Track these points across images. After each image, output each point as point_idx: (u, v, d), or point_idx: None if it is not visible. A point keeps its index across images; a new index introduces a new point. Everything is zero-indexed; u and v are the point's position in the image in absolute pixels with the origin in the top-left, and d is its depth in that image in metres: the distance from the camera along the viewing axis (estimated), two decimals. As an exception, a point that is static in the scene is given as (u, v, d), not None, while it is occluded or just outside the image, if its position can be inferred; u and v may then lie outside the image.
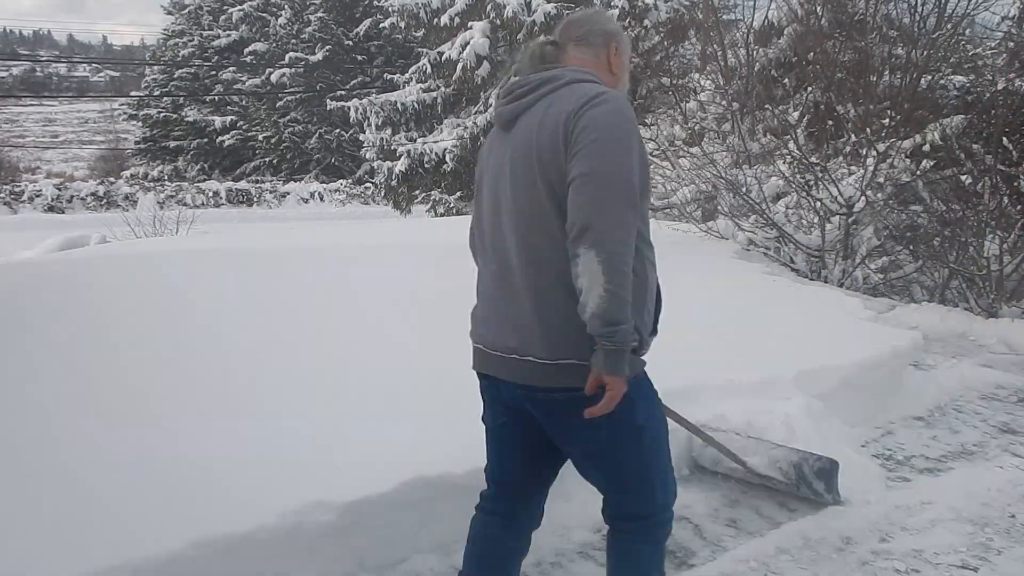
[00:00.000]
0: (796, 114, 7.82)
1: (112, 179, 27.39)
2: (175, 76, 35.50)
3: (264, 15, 33.29)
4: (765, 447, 3.08)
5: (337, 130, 29.85)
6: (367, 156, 16.17)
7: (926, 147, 6.97)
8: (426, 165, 14.39)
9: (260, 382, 3.11)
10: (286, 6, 32.38)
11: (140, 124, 36.07)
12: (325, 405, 2.95)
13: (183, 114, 34.42)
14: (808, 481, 2.96)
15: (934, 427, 3.88)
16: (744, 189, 7.37)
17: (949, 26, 7.90)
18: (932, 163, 6.99)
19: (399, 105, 14.84)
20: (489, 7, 13.78)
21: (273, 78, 30.76)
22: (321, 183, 28.29)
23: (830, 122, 7.53)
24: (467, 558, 2.00)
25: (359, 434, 2.74)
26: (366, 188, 25.60)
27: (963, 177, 6.81)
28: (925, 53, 7.63)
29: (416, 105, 14.85)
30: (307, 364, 3.29)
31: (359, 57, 31.43)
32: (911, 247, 7.10)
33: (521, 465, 1.96)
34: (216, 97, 34.16)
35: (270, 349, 3.41)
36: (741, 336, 4.14)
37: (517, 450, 1.93)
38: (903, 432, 3.79)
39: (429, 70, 14.71)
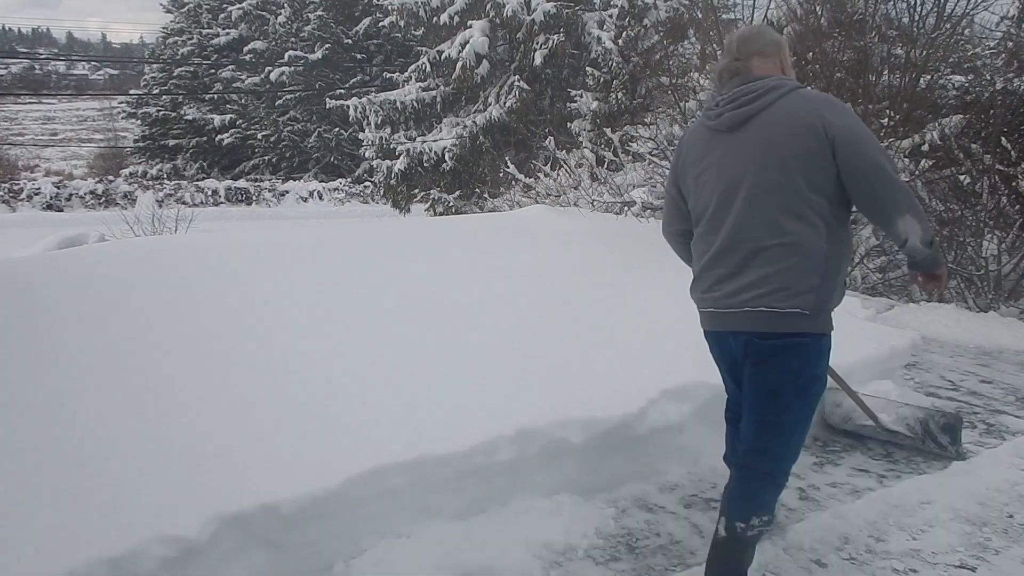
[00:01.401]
0: (795, 114, 7.80)
1: (111, 177, 27.36)
2: (174, 74, 35.45)
3: (263, 13, 33.27)
4: (893, 406, 3.46)
5: (336, 129, 29.83)
6: (366, 155, 16.16)
7: (925, 147, 6.97)
8: (425, 164, 14.38)
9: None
10: (285, 4, 32.37)
11: (139, 122, 36.02)
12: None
13: (182, 112, 34.38)
14: (933, 436, 3.28)
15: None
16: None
17: (948, 26, 7.90)
18: (931, 163, 6.99)
19: (398, 104, 14.83)
20: (489, 6, 13.77)
21: (272, 76, 30.75)
22: (320, 182, 28.26)
23: (829, 122, 7.52)
24: (729, 439, 2.52)
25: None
26: (365, 187, 25.57)
27: (962, 177, 6.81)
28: (924, 53, 7.63)
29: (415, 104, 14.85)
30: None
31: (358, 56, 31.40)
32: (910, 247, 7.09)
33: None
34: (215, 95, 34.12)
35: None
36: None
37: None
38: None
39: (428, 69, 14.71)
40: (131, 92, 41.13)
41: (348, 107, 15.29)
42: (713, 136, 2.30)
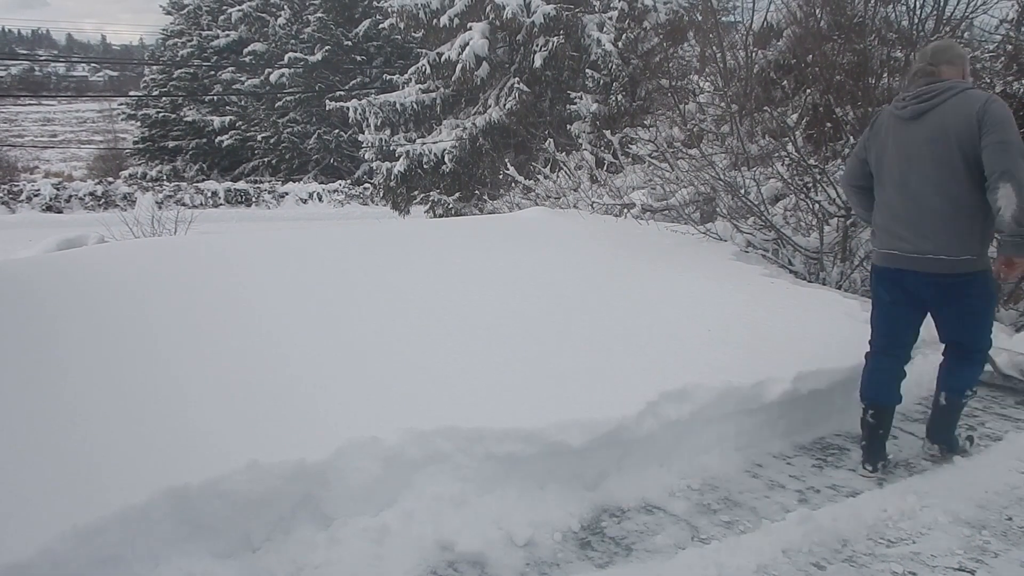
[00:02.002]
0: (795, 116, 7.81)
1: (111, 179, 27.33)
2: (174, 76, 35.44)
3: (263, 15, 33.26)
4: (1010, 353, 4.08)
5: (336, 131, 29.82)
6: (366, 157, 16.17)
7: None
8: (425, 166, 14.39)
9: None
10: (285, 6, 32.38)
11: (139, 124, 35.99)
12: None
13: (182, 114, 34.36)
14: None
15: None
16: (743, 191, 7.37)
17: (948, 29, 7.90)
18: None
19: (398, 106, 14.84)
20: (488, 8, 13.79)
21: (272, 78, 30.73)
22: (320, 183, 28.25)
23: (829, 124, 7.53)
24: (868, 382, 3.35)
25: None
26: (365, 189, 25.57)
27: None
28: (924, 56, 7.64)
29: (415, 106, 14.86)
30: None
31: (358, 58, 31.41)
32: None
33: (902, 330, 3.28)
34: (215, 97, 34.12)
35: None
36: (739, 337, 4.14)
37: (901, 322, 3.26)
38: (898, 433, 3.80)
39: (428, 71, 14.72)
40: (131, 94, 41.13)
41: (348, 109, 15.30)
42: (899, 123, 3.09)
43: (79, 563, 2.18)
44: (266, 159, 32.51)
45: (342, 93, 24.70)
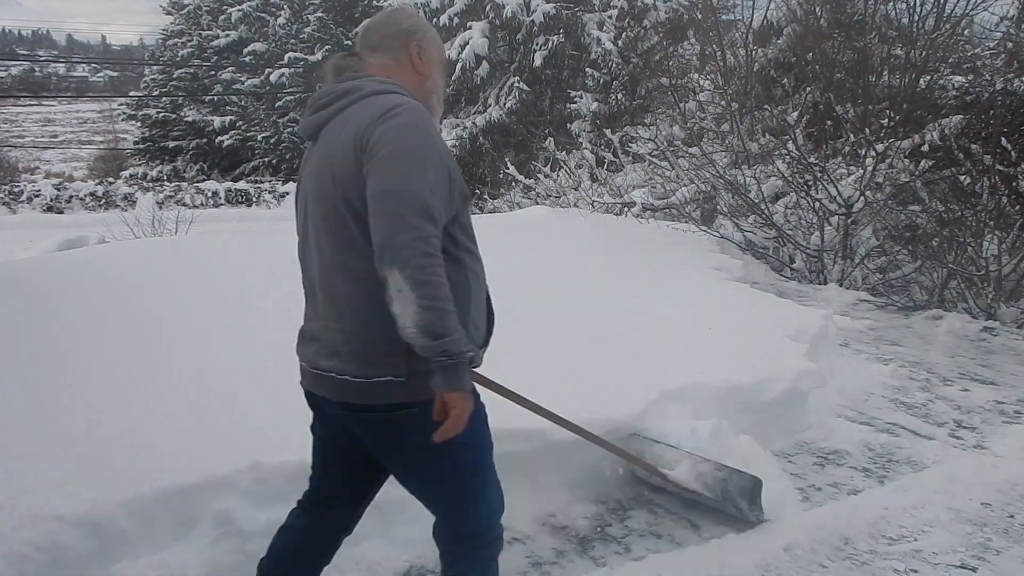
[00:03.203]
0: (795, 114, 7.82)
1: (111, 179, 27.34)
2: (174, 76, 35.44)
3: (263, 15, 33.25)
4: (692, 460, 2.91)
5: (336, 130, 29.81)
6: (366, 156, 16.16)
7: (925, 147, 6.98)
8: (425, 165, 14.39)
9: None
10: (285, 6, 32.36)
11: (139, 124, 36.00)
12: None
13: (182, 114, 34.36)
14: (732, 498, 2.79)
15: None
16: (743, 189, 7.37)
17: (948, 26, 7.91)
18: (931, 163, 6.99)
19: (398, 105, 14.84)
20: (488, 7, 13.80)
21: (272, 78, 30.74)
22: (320, 183, 28.24)
23: (829, 122, 7.54)
24: (271, 547, 1.99)
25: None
26: (365, 188, 25.55)
27: (962, 177, 6.81)
28: (924, 53, 7.64)
29: (415, 105, 14.85)
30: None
31: (358, 57, 31.39)
32: (910, 247, 7.10)
33: (342, 478, 1.97)
34: (215, 97, 34.12)
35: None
36: (739, 336, 4.14)
37: (339, 463, 1.95)
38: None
39: (428, 70, 14.71)
40: (131, 94, 41.10)
41: (348, 108, 15.29)
42: (310, 146, 1.85)
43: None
44: (266, 159, 32.49)
45: (342, 93, 24.65)
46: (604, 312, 4.45)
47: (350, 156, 1.63)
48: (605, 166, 10.27)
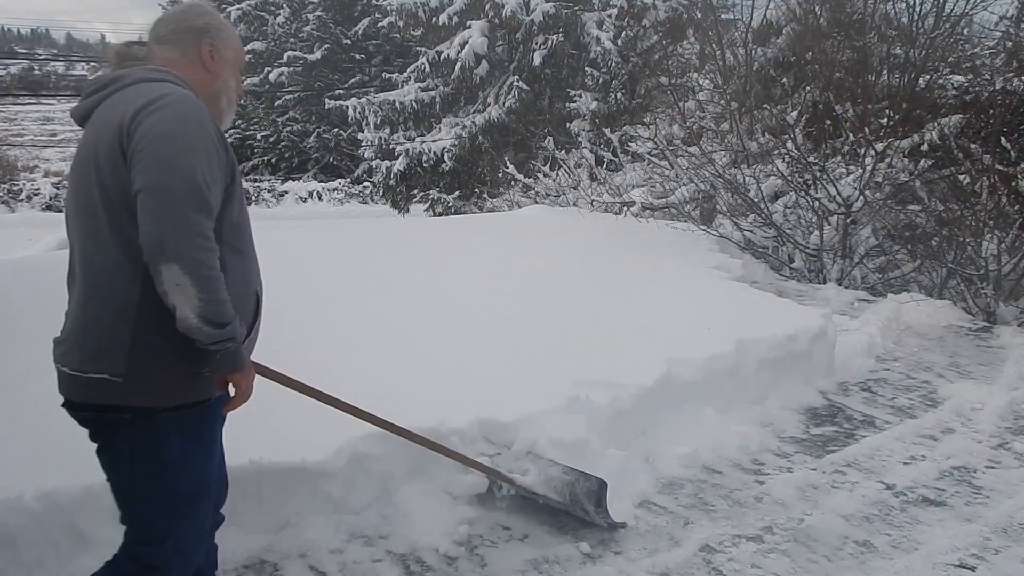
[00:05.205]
0: (794, 114, 7.82)
1: (110, 178, 27.33)
2: (173, 75, 35.46)
3: (262, 14, 33.20)
4: (542, 464, 2.81)
5: (335, 129, 29.79)
6: (365, 155, 16.17)
7: (924, 147, 6.97)
8: (424, 164, 14.39)
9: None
10: (284, 5, 32.33)
11: (138, 123, 36.04)
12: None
13: (181, 113, 34.37)
14: (580, 502, 2.70)
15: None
16: (743, 188, 7.37)
17: (947, 26, 7.90)
18: (930, 163, 6.99)
19: (397, 104, 14.83)
20: (488, 6, 13.78)
21: (271, 77, 30.71)
22: (319, 182, 28.24)
23: (828, 122, 7.54)
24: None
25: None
26: (364, 187, 25.55)
27: (961, 177, 6.81)
28: (923, 53, 7.64)
29: (414, 104, 14.85)
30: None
31: (357, 56, 31.38)
32: (909, 247, 7.11)
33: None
34: (214, 96, 34.08)
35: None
36: (740, 334, 4.14)
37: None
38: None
39: (427, 69, 14.71)
40: (130, 93, 41.12)
41: (347, 107, 15.29)
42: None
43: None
44: (265, 158, 32.48)
45: (341, 92, 24.67)
46: (604, 310, 4.45)
47: (115, 143, 1.57)
48: (604, 165, 10.27)
